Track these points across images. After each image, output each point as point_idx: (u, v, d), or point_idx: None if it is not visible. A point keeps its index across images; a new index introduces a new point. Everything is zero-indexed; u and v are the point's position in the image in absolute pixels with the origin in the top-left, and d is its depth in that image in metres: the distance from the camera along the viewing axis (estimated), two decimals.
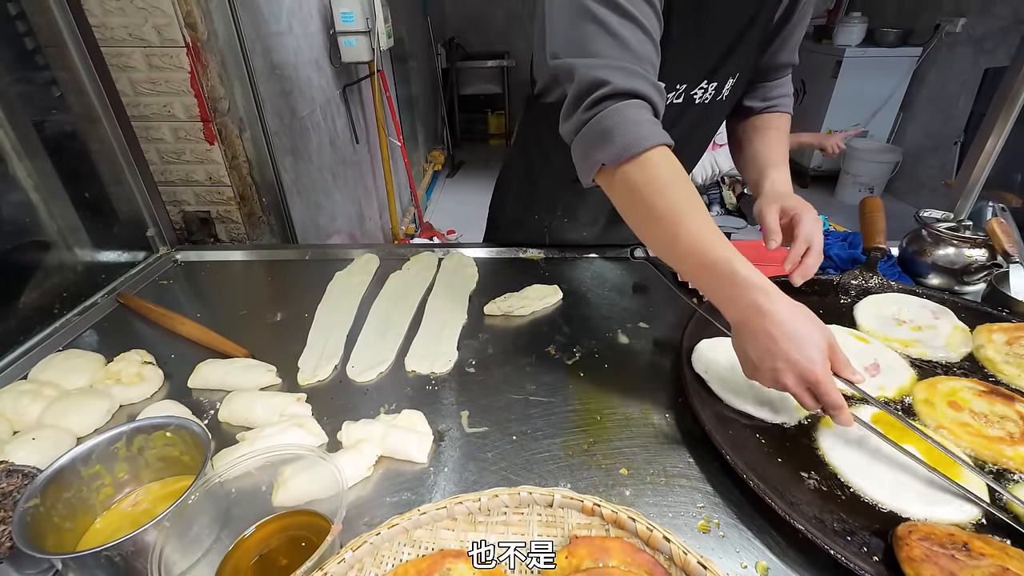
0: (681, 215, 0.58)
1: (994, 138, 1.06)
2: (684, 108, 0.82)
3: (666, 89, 0.74)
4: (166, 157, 1.33)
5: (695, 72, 0.79)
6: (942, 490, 0.53)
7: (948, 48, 3.56)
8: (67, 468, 0.52)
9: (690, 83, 0.80)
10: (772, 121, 0.92)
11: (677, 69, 0.75)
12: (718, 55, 0.78)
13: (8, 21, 0.95)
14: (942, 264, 0.94)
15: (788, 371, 0.54)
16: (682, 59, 0.74)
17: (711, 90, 0.82)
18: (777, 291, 0.56)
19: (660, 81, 0.64)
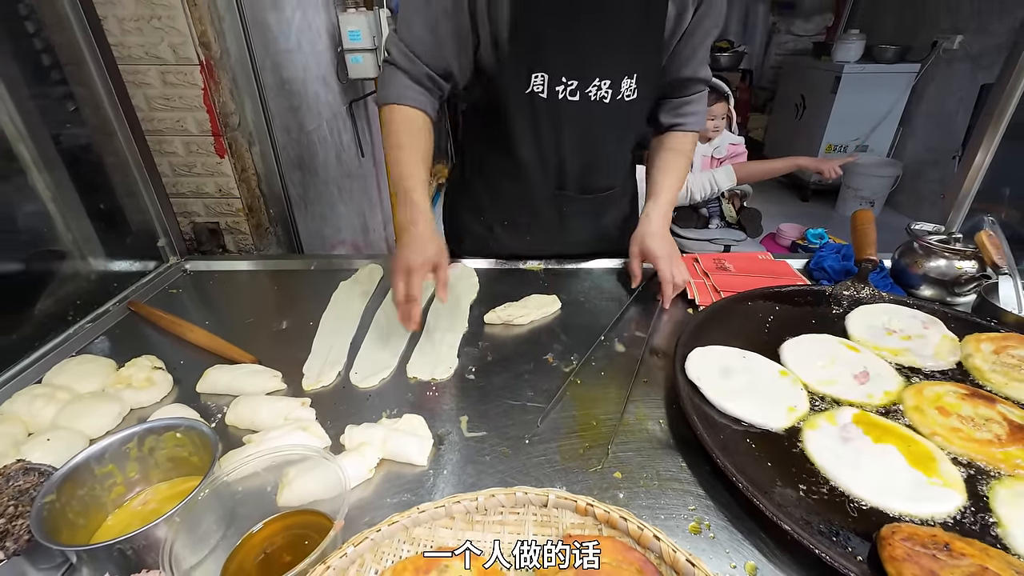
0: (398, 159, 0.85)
1: (983, 152, 1.09)
2: (584, 105, 0.88)
3: (551, 82, 0.85)
4: (178, 170, 1.37)
5: (579, 67, 0.85)
6: (923, 487, 0.54)
7: (946, 64, 3.61)
8: (82, 466, 0.55)
9: (580, 78, 0.85)
10: (674, 141, 0.99)
11: (557, 61, 0.84)
12: (598, 52, 0.84)
13: (26, 38, 1.00)
14: (933, 276, 0.96)
15: (399, 259, 0.80)
16: (556, 53, 0.83)
17: (606, 89, 0.87)
18: (424, 220, 0.83)
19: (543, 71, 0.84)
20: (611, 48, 0.84)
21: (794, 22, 4.88)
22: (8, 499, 0.52)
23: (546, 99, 0.86)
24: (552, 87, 0.85)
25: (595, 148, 0.95)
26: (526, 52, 0.83)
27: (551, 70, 0.84)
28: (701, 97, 0.99)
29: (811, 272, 1.08)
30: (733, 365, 0.74)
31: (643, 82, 0.89)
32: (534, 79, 0.84)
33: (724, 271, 1.06)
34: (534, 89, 0.85)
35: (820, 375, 0.73)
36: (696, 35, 0.88)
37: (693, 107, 0.98)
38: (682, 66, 0.92)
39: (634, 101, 0.90)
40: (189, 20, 1.19)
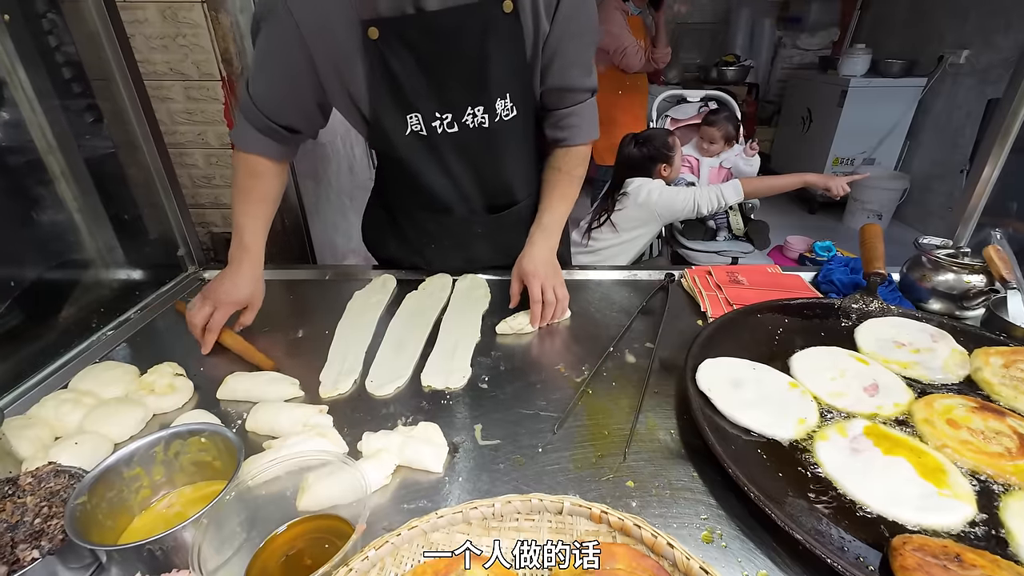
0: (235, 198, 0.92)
1: (990, 166, 1.10)
2: (464, 134, 0.90)
3: (426, 119, 0.87)
4: (197, 181, 1.40)
5: (447, 101, 0.87)
6: (933, 499, 0.55)
7: (952, 79, 3.62)
8: (112, 469, 0.57)
9: (453, 111, 0.88)
10: (557, 159, 1.00)
11: (424, 101, 0.86)
12: (460, 87, 0.85)
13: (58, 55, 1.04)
14: (942, 290, 0.96)
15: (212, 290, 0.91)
16: (420, 93, 0.85)
17: (481, 114, 0.88)
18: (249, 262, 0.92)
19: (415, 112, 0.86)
20: (473, 78, 0.85)
21: (800, 37, 4.91)
22: (41, 500, 0.54)
23: (427, 135, 0.89)
24: (428, 123, 0.88)
25: (489, 169, 0.98)
26: (392, 101, 0.85)
27: (422, 110, 0.86)
28: (584, 108, 0.97)
29: (819, 285, 1.09)
30: (743, 376, 0.75)
31: (520, 99, 0.90)
32: (409, 120, 0.88)
33: (737, 284, 1.07)
34: (412, 129, 0.89)
35: (830, 387, 0.74)
36: (561, 43, 0.87)
37: (575, 119, 0.97)
38: (554, 76, 0.91)
39: (515, 118, 0.92)
40: (213, 38, 1.24)
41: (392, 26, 0.78)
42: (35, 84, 0.96)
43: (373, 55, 0.80)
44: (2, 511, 0.50)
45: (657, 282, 1.11)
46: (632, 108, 3.16)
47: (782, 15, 5.16)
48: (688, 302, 1.06)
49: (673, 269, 1.16)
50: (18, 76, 0.93)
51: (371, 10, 0.76)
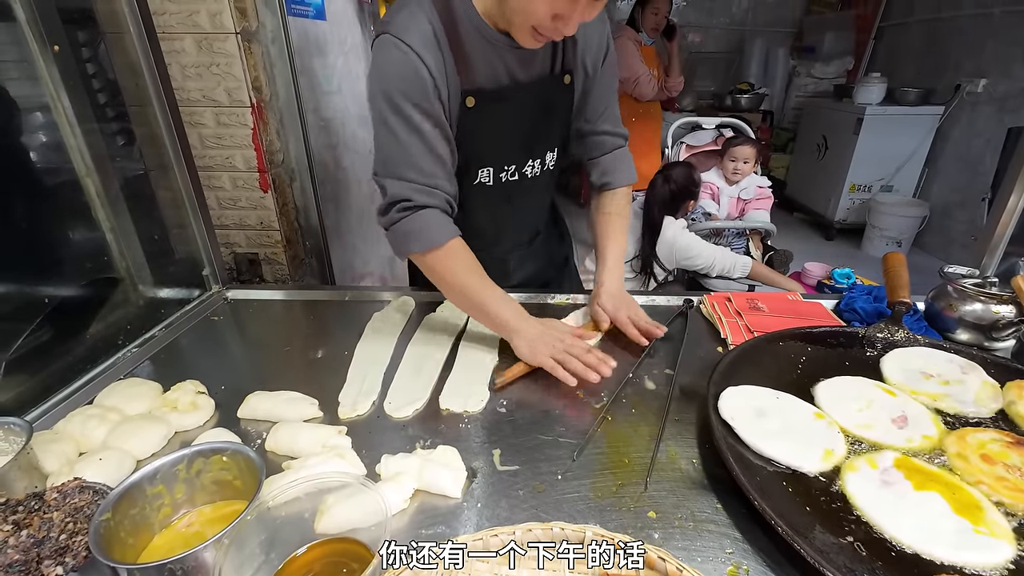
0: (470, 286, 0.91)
1: (1016, 195, 1.09)
2: (521, 183, 1.02)
3: (495, 171, 0.98)
4: (223, 203, 1.44)
5: (516, 155, 0.99)
6: (969, 536, 0.53)
7: (971, 107, 3.61)
8: (136, 486, 0.57)
9: (518, 163, 1.00)
10: (607, 204, 1.10)
11: (499, 156, 0.97)
12: (528, 144, 0.98)
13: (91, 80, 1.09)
14: (969, 320, 0.94)
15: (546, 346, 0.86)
16: (497, 147, 0.96)
17: (537, 165, 1.02)
18: (523, 315, 0.92)
19: (488, 166, 0.96)
20: (536, 139, 0.99)
21: (814, 66, 4.96)
22: (66, 516, 0.54)
23: (491, 185, 1.00)
24: (496, 175, 0.99)
25: (530, 210, 1.14)
26: (474, 157, 0.95)
27: (494, 165, 0.98)
28: (620, 153, 1.08)
29: (842, 313, 1.07)
30: (767, 406, 0.74)
31: (561, 151, 1.06)
32: (480, 173, 0.97)
33: (757, 311, 1.06)
34: (481, 180, 0.98)
35: (857, 418, 0.72)
36: (597, 93, 0.99)
37: (617, 163, 1.08)
38: (596, 122, 1.03)
39: (554, 167, 1.07)
40: (245, 67, 1.29)
41: (486, 95, 0.88)
42: (76, 109, 1.00)
43: (466, 119, 0.88)
44: (29, 526, 0.50)
45: (676, 308, 1.11)
46: (645, 134, 3.20)
47: (796, 45, 5.23)
48: (708, 328, 1.05)
49: (691, 294, 1.16)
50: (62, 103, 0.98)
51: (470, 80, 0.86)
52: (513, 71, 0.88)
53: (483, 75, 0.86)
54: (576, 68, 0.95)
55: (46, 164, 0.98)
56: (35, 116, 0.97)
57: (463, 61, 0.83)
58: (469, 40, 0.83)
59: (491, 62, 0.86)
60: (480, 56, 0.84)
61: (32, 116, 0.97)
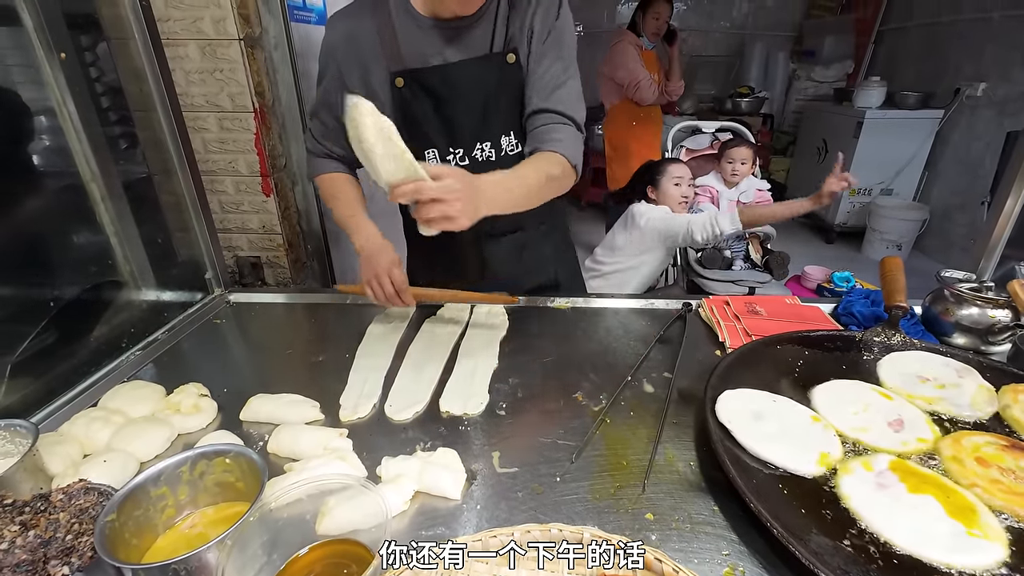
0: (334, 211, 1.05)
1: (1012, 199, 1.09)
2: (474, 167, 0.99)
3: (440, 153, 1.00)
4: (226, 207, 1.46)
5: (460, 138, 0.99)
6: (963, 538, 0.53)
7: (970, 111, 3.62)
8: (140, 487, 0.58)
9: (465, 147, 1.00)
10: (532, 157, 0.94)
11: (440, 139, 0.99)
12: (471, 126, 0.98)
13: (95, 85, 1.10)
14: (966, 324, 0.95)
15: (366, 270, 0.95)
16: (438, 132, 0.98)
17: (488, 150, 1.01)
18: (373, 236, 0.99)
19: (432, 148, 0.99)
20: (481, 118, 0.97)
21: (814, 69, 4.97)
22: (71, 517, 0.55)
23: None
24: (443, 158, 1.00)
25: None
26: (412, 139, 0.89)
27: (438, 147, 0.99)
28: (567, 129, 0.94)
29: (839, 317, 1.08)
30: (764, 409, 0.74)
31: (522, 136, 1.01)
32: (426, 155, 0.99)
33: (755, 315, 1.07)
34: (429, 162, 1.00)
35: (853, 422, 0.73)
36: (544, 72, 0.94)
37: (557, 134, 0.94)
38: (536, 99, 0.95)
39: (519, 153, 1.02)
40: (248, 72, 1.30)
41: (415, 76, 0.91)
42: (81, 115, 1.01)
43: (398, 100, 0.93)
44: (36, 526, 0.51)
45: (675, 311, 1.12)
46: (645, 138, 3.21)
47: (796, 48, 5.24)
48: (706, 332, 1.06)
49: (689, 298, 1.16)
50: (67, 108, 0.99)
51: (399, 63, 0.90)
52: (443, 51, 0.90)
53: (411, 56, 0.90)
54: (521, 45, 0.92)
55: (51, 168, 0.99)
56: (41, 121, 0.98)
57: (392, 44, 0.90)
58: (401, 25, 0.89)
59: (419, 43, 0.90)
60: (409, 39, 0.89)
61: (38, 121, 0.98)
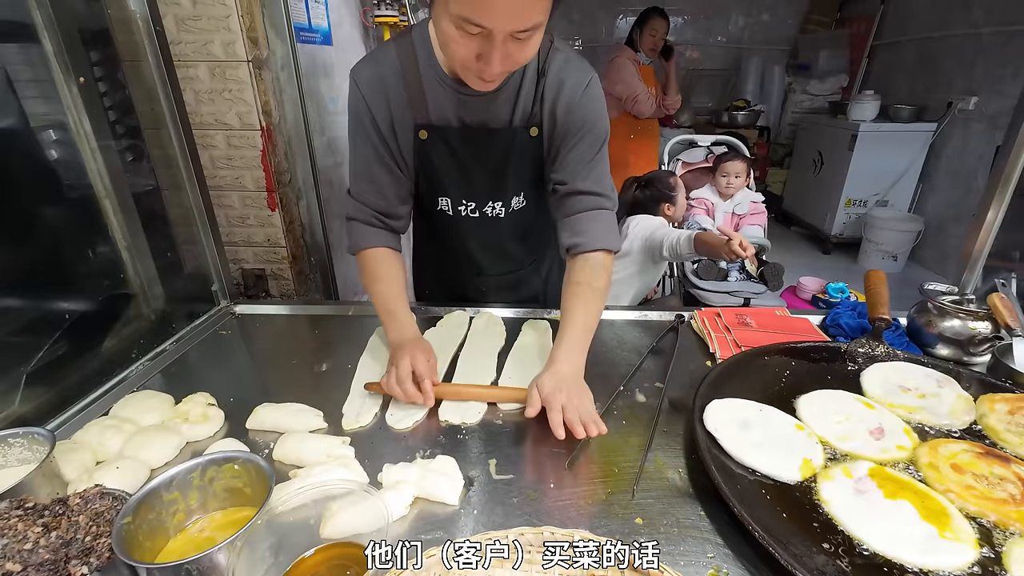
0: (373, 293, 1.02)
1: (993, 211, 1.13)
2: (483, 220, 1.08)
3: (454, 204, 1.06)
4: (232, 221, 1.50)
5: (474, 193, 1.05)
6: (936, 541, 0.56)
7: (963, 124, 3.68)
8: (154, 492, 0.61)
9: (477, 201, 1.06)
10: (576, 272, 0.95)
11: (455, 191, 1.04)
12: (486, 185, 1.03)
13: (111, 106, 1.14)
14: (948, 336, 0.98)
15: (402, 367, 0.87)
16: (452, 182, 1.03)
17: (499, 207, 1.06)
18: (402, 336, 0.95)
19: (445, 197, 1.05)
20: (496, 182, 1.03)
21: (809, 83, 5.05)
22: (88, 520, 0.58)
23: (452, 215, 1.07)
24: (455, 207, 1.06)
25: (497, 246, 1.15)
26: (429, 186, 1.04)
27: (452, 198, 1.05)
28: (604, 215, 0.96)
29: (827, 329, 1.11)
30: (750, 418, 0.77)
31: (530, 196, 1.07)
32: (440, 201, 1.06)
33: (745, 326, 1.10)
34: (441, 208, 1.07)
35: (836, 430, 0.76)
36: (563, 147, 0.95)
37: (591, 223, 0.95)
38: (568, 180, 0.96)
39: (525, 208, 1.08)
40: (256, 92, 1.35)
41: (438, 132, 0.96)
42: (96, 133, 1.06)
43: (420, 151, 0.99)
44: (57, 528, 0.54)
45: (668, 323, 1.15)
46: (643, 151, 3.26)
47: (791, 62, 5.33)
48: (698, 343, 1.09)
49: (684, 310, 1.20)
50: (83, 128, 1.03)
51: (423, 116, 0.95)
52: (461, 114, 0.94)
53: (435, 113, 0.95)
54: (544, 123, 0.94)
55: (68, 186, 1.03)
56: (58, 140, 1.02)
57: (419, 98, 0.94)
58: (427, 80, 0.93)
59: (442, 102, 0.94)
60: (434, 96, 0.93)
61: (56, 140, 1.02)
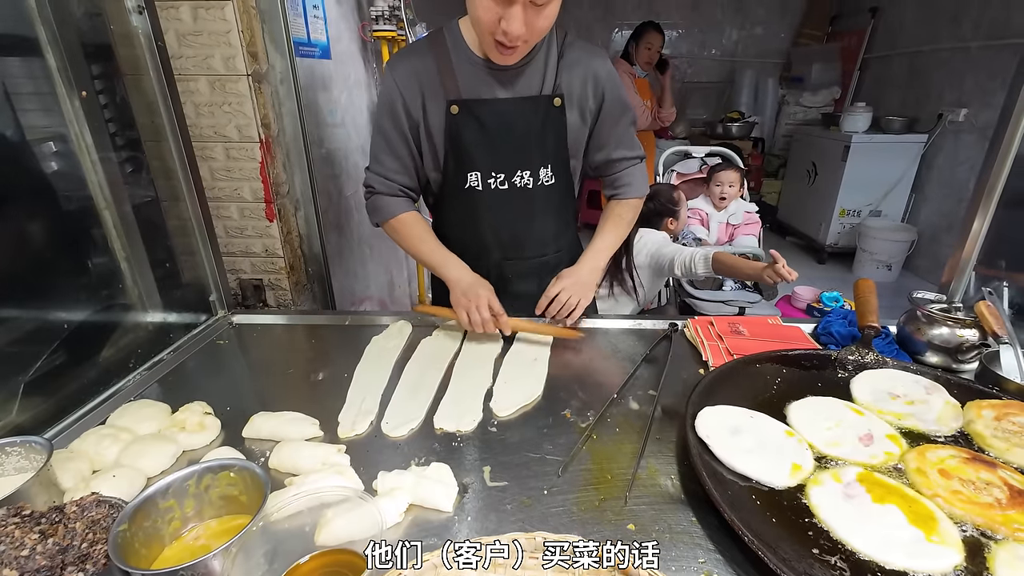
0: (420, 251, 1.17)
1: (979, 221, 1.15)
2: (511, 191, 1.13)
3: (483, 176, 1.11)
4: (230, 232, 1.51)
5: (503, 163, 1.10)
6: (922, 544, 0.57)
7: (954, 136, 3.73)
8: (150, 499, 0.61)
9: (507, 172, 1.10)
10: (615, 208, 1.23)
11: (484, 162, 1.09)
12: (514, 156, 1.09)
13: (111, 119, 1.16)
14: (937, 343, 1.00)
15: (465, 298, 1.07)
16: (483, 153, 1.08)
17: (527, 177, 1.11)
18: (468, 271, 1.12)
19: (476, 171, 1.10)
20: (523, 150, 1.09)
21: (802, 95, 5.12)
22: (85, 527, 0.59)
23: (481, 190, 1.12)
24: (484, 180, 1.11)
25: (525, 223, 1.20)
26: (459, 161, 1.10)
27: (481, 170, 1.10)
28: (632, 170, 1.21)
29: (819, 337, 1.12)
30: (742, 424, 0.78)
31: (557, 170, 1.14)
32: (470, 177, 1.10)
33: (738, 335, 1.11)
34: (471, 184, 1.11)
35: (826, 436, 0.77)
36: (605, 126, 1.14)
37: (625, 178, 1.21)
38: (601, 150, 1.18)
39: (553, 185, 1.15)
40: (255, 105, 1.37)
41: (468, 105, 1.04)
42: (97, 146, 1.07)
43: (451, 126, 1.05)
44: (54, 535, 0.54)
45: (661, 331, 1.16)
46: None
47: (785, 75, 5.41)
48: (691, 351, 1.10)
49: (679, 319, 1.21)
50: (85, 141, 1.05)
51: (455, 92, 1.03)
52: (494, 88, 1.04)
53: (466, 89, 1.03)
54: (567, 94, 1.07)
55: (69, 198, 1.04)
56: (60, 153, 1.03)
57: (450, 77, 1.03)
58: (457, 62, 1.03)
59: (472, 79, 1.03)
60: (464, 75, 1.03)
61: (57, 153, 1.03)
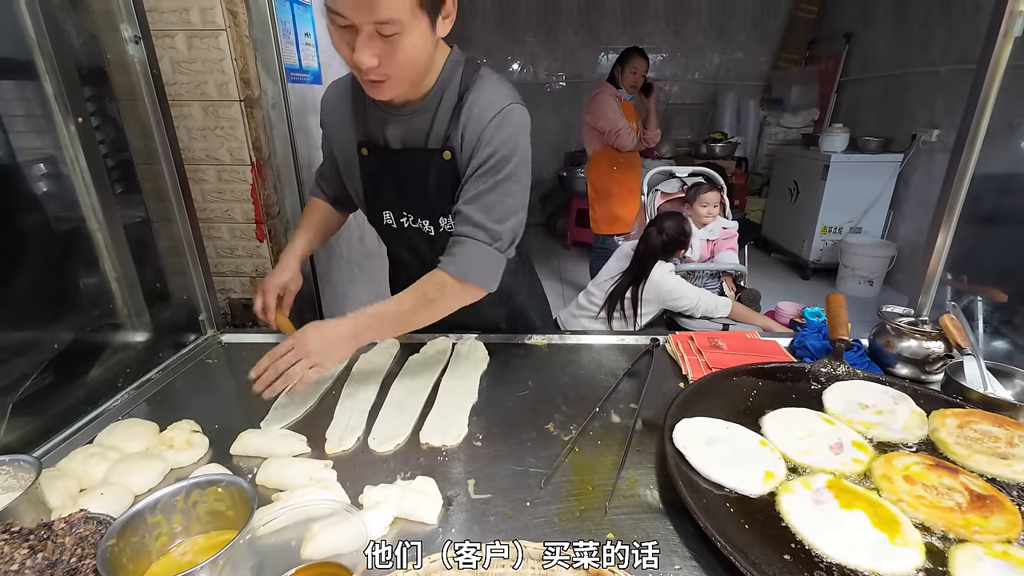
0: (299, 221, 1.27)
1: (942, 236, 1.20)
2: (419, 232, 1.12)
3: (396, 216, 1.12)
4: (221, 252, 1.53)
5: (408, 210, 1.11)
6: (885, 547, 0.60)
7: (927, 155, 3.86)
8: (138, 515, 0.62)
9: (413, 216, 1.11)
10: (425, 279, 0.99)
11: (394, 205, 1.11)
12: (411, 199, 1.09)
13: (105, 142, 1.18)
14: (906, 355, 1.04)
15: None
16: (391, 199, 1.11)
17: (428, 225, 1.10)
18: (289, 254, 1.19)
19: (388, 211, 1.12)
20: (419, 199, 1.08)
21: (783, 116, 5.28)
22: (73, 543, 0.60)
23: (396, 228, 1.14)
24: (397, 219, 1.13)
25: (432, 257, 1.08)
26: (374, 200, 1.13)
27: (393, 211, 1.13)
28: (469, 245, 0.96)
29: (795, 350, 1.16)
30: (717, 435, 0.81)
31: None
32: (385, 215, 1.14)
33: (717, 349, 1.14)
34: (387, 221, 1.14)
35: (798, 446, 0.80)
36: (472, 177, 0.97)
37: (455, 248, 0.97)
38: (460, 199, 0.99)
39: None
40: (247, 130, 1.41)
41: (374, 149, 1.07)
42: (92, 169, 1.09)
43: (363, 166, 1.09)
44: (43, 550, 0.55)
45: (643, 346, 1.19)
46: (626, 182, 3.37)
47: (766, 97, 5.58)
48: (671, 365, 1.13)
49: (657, 334, 1.24)
50: (79, 165, 1.07)
51: (364, 135, 1.07)
52: (385, 135, 1.04)
53: (371, 132, 1.07)
54: (457, 148, 0.98)
55: (60, 219, 1.06)
56: (54, 175, 1.05)
57: (361, 119, 1.07)
58: (369, 104, 1.05)
59: (375, 122, 1.05)
60: (372, 119, 1.06)
61: (51, 175, 1.05)
